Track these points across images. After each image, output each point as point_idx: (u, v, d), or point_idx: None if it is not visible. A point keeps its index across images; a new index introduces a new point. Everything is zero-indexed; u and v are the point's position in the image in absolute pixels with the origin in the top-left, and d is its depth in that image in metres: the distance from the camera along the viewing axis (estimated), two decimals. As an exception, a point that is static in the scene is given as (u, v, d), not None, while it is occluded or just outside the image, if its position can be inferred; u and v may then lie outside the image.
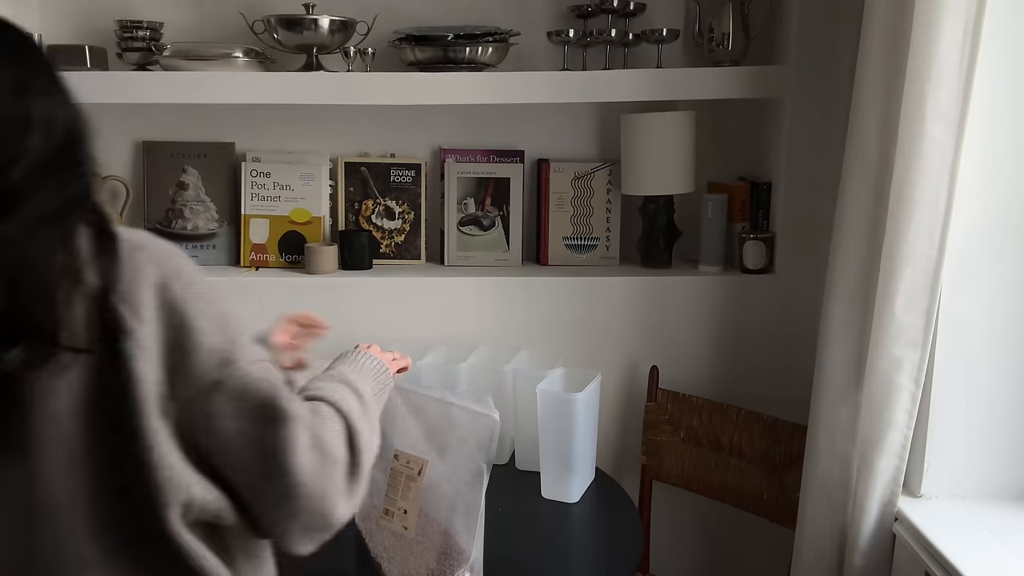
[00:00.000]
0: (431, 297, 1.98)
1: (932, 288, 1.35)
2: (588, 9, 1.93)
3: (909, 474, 1.45)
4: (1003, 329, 1.41)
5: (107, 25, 1.96)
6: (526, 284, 1.97)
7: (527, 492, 1.62)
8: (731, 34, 1.88)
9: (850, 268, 1.46)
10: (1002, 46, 1.32)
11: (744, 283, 1.94)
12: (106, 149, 2.07)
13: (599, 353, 1.96)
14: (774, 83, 1.85)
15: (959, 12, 1.26)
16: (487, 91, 1.86)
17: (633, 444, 1.99)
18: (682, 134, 1.92)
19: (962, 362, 1.42)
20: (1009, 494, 1.46)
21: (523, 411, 1.67)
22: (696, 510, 2.02)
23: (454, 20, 1.97)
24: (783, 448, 1.72)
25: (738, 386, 1.95)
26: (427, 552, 1.24)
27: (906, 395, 1.38)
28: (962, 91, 1.29)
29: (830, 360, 1.50)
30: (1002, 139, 1.36)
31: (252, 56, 1.91)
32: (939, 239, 1.33)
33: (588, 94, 1.88)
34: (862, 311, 1.45)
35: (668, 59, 1.95)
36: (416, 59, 1.91)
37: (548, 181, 2.06)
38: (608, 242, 2.07)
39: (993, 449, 1.45)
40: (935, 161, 1.30)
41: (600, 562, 1.40)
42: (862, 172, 1.42)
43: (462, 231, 2.08)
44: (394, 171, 2.07)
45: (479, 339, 1.90)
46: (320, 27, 1.87)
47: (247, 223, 2.06)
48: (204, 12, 2.02)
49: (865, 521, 1.44)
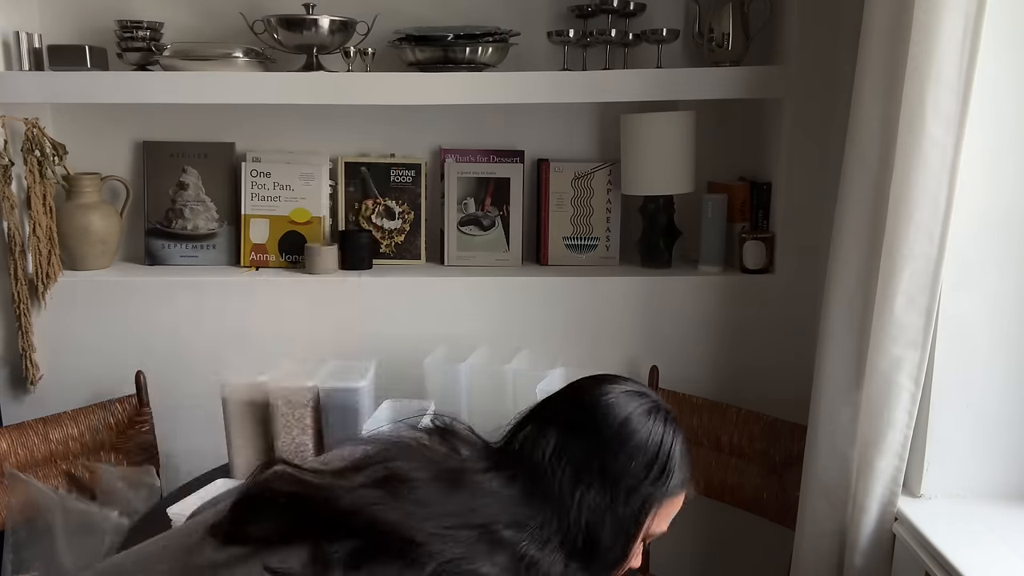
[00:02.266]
0: (431, 297, 1.98)
1: (932, 288, 1.35)
2: (588, 9, 1.93)
3: (909, 474, 1.45)
4: (1003, 329, 1.41)
5: (107, 25, 1.96)
6: (526, 284, 1.97)
7: (527, 492, 1.62)
8: (731, 34, 1.88)
9: (850, 268, 1.45)
10: (1002, 45, 1.32)
11: (744, 283, 1.94)
12: (106, 149, 2.08)
13: (599, 353, 1.96)
14: (774, 83, 1.85)
15: (959, 11, 1.26)
16: (487, 91, 1.86)
17: (633, 444, 1.99)
18: (682, 134, 1.92)
19: (962, 362, 1.42)
20: (1009, 494, 1.45)
21: (523, 411, 1.67)
22: (696, 510, 2.01)
23: (454, 20, 1.97)
24: (783, 448, 1.72)
25: (738, 386, 1.95)
26: None
27: (906, 395, 1.38)
28: (962, 90, 1.28)
29: (830, 360, 1.50)
30: (1002, 138, 1.36)
31: (252, 56, 1.91)
32: (939, 239, 1.33)
33: (588, 94, 1.88)
34: (862, 311, 1.44)
35: (668, 59, 1.95)
36: (416, 59, 1.91)
37: (548, 181, 2.06)
38: (608, 242, 2.07)
39: (993, 449, 1.44)
40: (935, 161, 1.30)
41: (600, 562, 1.40)
42: (862, 172, 1.42)
43: (462, 231, 2.08)
44: (394, 171, 2.07)
45: (479, 339, 1.90)
46: (320, 27, 1.87)
47: (247, 223, 2.06)
48: (204, 12, 2.02)
49: (865, 521, 1.44)
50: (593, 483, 0.85)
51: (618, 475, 0.86)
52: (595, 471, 0.86)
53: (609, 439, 0.88)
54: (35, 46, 1.92)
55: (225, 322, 1.97)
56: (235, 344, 1.96)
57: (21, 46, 1.90)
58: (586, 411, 0.90)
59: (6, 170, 1.88)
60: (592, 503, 0.85)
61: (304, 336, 1.96)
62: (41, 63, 1.92)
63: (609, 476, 0.86)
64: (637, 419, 0.89)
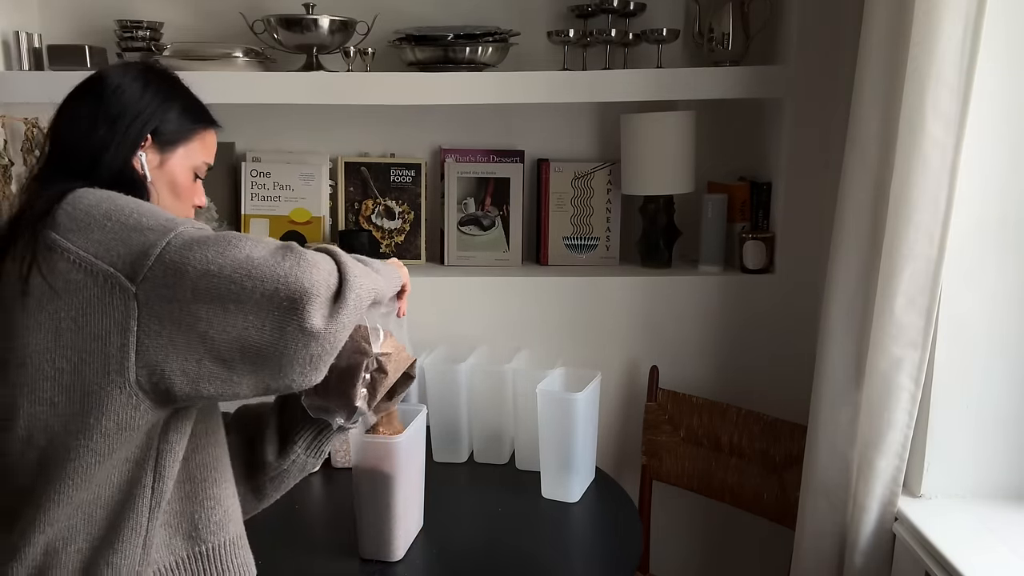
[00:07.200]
0: (431, 297, 1.98)
1: (932, 288, 1.35)
2: (588, 9, 1.93)
3: (909, 474, 1.45)
4: (1003, 329, 1.41)
5: (107, 25, 1.96)
6: (526, 284, 1.97)
7: (527, 492, 1.62)
8: (731, 34, 1.88)
9: (850, 268, 1.46)
10: (1002, 45, 1.32)
11: (744, 283, 1.94)
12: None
13: (599, 353, 1.96)
14: (774, 83, 1.85)
15: (959, 11, 1.26)
16: (487, 91, 1.86)
17: (633, 444, 1.99)
18: (682, 134, 1.92)
19: (962, 362, 1.42)
20: (1009, 494, 1.46)
21: (523, 411, 1.67)
22: (696, 510, 2.02)
23: (454, 20, 1.97)
24: (783, 448, 1.72)
25: (738, 386, 1.95)
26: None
27: (906, 395, 1.38)
28: (962, 90, 1.28)
29: (830, 360, 1.50)
30: (1002, 138, 1.36)
31: (252, 56, 1.91)
32: (939, 239, 1.33)
33: (588, 94, 1.88)
34: (862, 311, 1.45)
35: (668, 59, 1.95)
36: (416, 59, 1.91)
37: (548, 181, 2.06)
38: (608, 242, 2.07)
39: (993, 449, 1.45)
40: (935, 161, 1.30)
41: (600, 562, 1.40)
42: (862, 172, 1.42)
43: (462, 231, 2.08)
44: (394, 171, 2.07)
45: (479, 339, 1.90)
46: (320, 27, 1.87)
47: (247, 223, 2.06)
48: (204, 12, 2.02)
49: (865, 521, 1.44)
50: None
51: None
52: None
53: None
54: (35, 46, 1.92)
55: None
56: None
57: (21, 46, 1.90)
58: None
59: (6, 170, 1.88)
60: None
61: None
62: (41, 63, 1.92)
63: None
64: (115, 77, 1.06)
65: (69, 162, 1.01)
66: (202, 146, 1.13)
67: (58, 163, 1.02)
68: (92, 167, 1.00)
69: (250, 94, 1.87)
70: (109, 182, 0.99)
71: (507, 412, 1.72)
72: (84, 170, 1.00)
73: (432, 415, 1.72)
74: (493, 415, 1.73)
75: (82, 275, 0.87)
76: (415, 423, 1.40)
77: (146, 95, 1.05)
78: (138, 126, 1.04)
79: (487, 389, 1.72)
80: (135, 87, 1.05)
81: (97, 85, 1.05)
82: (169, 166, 1.08)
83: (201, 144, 1.13)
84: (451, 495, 1.61)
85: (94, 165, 1.00)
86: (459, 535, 1.47)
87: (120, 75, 1.06)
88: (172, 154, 1.08)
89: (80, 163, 1.00)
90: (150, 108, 1.05)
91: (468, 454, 1.77)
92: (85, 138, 1.01)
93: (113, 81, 1.05)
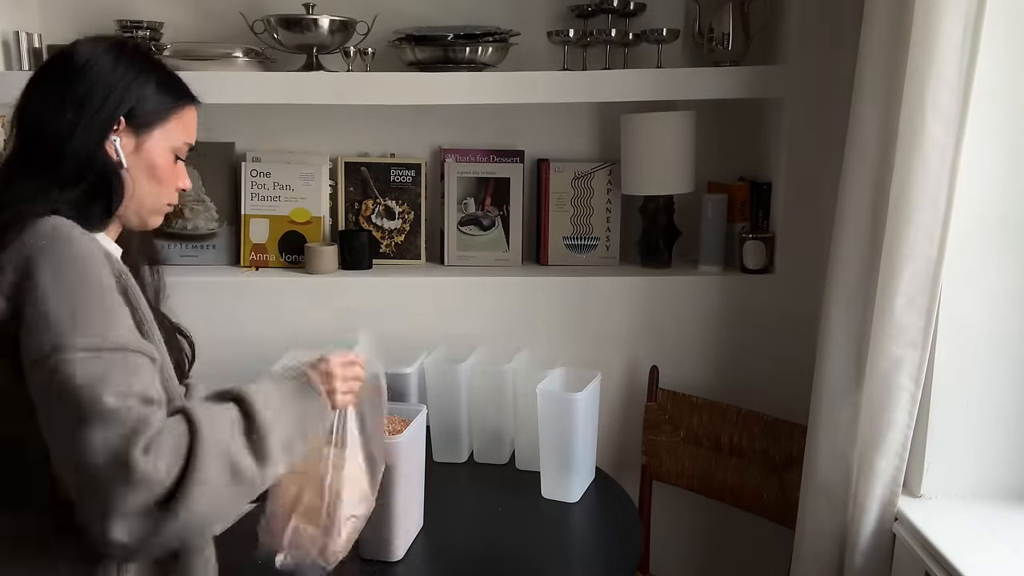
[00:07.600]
0: (431, 297, 1.98)
1: (932, 288, 1.35)
2: (588, 9, 1.93)
3: (909, 474, 1.45)
4: (1003, 329, 1.41)
5: (107, 25, 1.95)
6: (526, 284, 1.97)
7: (527, 492, 1.62)
8: (731, 34, 1.88)
9: (850, 268, 1.46)
10: (1002, 45, 1.32)
11: (744, 283, 1.94)
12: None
13: (599, 353, 1.96)
14: (774, 83, 1.85)
15: (959, 11, 1.26)
16: (487, 91, 1.86)
17: (633, 444, 1.99)
18: (682, 134, 1.92)
19: (962, 362, 1.42)
20: (1009, 494, 1.46)
21: (523, 411, 1.67)
22: (696, 510, 2.02)
23: (454, 20, 1.97)
24: (783, 448, 1.72)
25: (738, 386, 1.95)
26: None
27: (906, 395, 1.38)
28: (962, 90, 1.28)
29: (830, 360, 1.50)
30: (1002, 138, 1.36)
31: (252, 56, 1.91)
32: (939, 239, 1.33)
33: (588, 94, 1.88)
34: (862, 311, 1.45)
35: (668, 59, 1.95)
36: (416, 59, 1.91)
37: (548, 181, 2.06)
38: (608, 242, 2.07)
39: (993, 449, 1.45)
40: (935, 161, 1.30)
41: (600, 562, 1.40)
42: (862, 172, 1.42)
43: (462, 231, 2.08)
44: (394, 171, 2.07)
45: (479, 339, 1.90)
46: (320, 27, 1.87)
47: (247, 223, 2.06)
48: (204, 12, 2.02)
49: (865, 521, 1.44)
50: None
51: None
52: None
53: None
54: (35, 46, 1.92)
55: (225, 322, 1.97)
56: (235, 344, 1.96)
57: (21, 46, 1.90)
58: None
59: (6, 170, 1.88)
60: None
61: (304, 336, 1.96)
62: (41, 63, 1.92)
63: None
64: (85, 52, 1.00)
65: (36, 152, 0.94)
66: (181, 125, 1.05)
67: (24, 153, 0.95)
68: (59, 156, 0.93)
69: (250, 94, 1.87)
70: (78, 172, 0.93)
71: (507, 412, 1.72)
72: (51, 160, 0.93)
73: (432, 415, 1.72)
74: (493, 415, 1.73)
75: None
76: (415, 423, 1.40)
77: (117, 70, 0.97)
78: (110, 107, 0.96)
79: (487, 389, 1.72)
80: (105, 61, 0.97)
81: (64, 62, 0.98)
82: (146, 149, 1.01)
83: (180, 123, 1.05)
84: (451, 495, 1.60)
85: (61, 154, 0.93)
86: (459, 535, 1.47)
87: (89, 50, 0.98)
88: (149, 136, 1.01)
89: (47, 152, 0.93)
90: (122, 85, 0.97)
91: (468, 454, 1.77)
92: (53, 123, 0.94)
93: (81, 57, 0.97)
